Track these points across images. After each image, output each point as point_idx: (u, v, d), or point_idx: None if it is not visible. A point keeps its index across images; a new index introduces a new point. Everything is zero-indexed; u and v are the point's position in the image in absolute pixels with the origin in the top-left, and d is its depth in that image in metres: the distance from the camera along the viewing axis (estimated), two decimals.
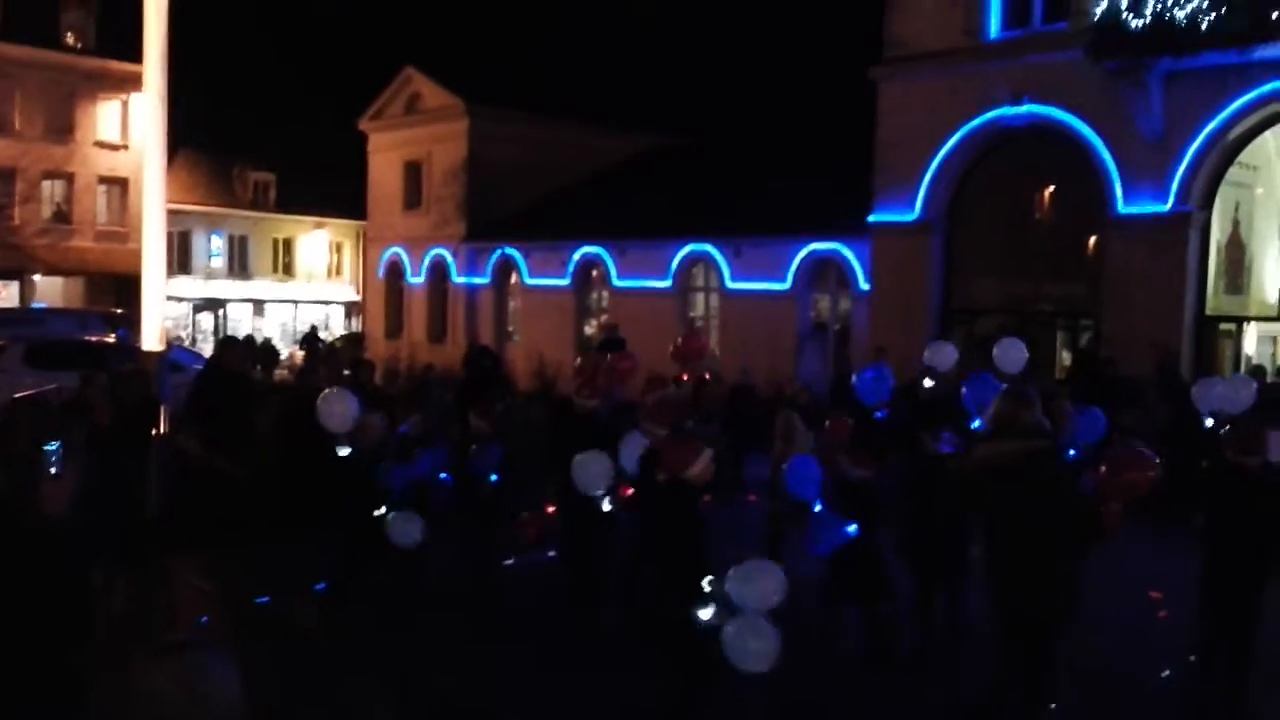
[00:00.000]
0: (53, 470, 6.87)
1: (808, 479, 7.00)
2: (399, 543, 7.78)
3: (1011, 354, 9.41)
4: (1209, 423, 8.71)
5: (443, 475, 8.64)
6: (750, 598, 5.26)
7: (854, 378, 9.73)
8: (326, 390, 8.22)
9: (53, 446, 6.89)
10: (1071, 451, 7.68)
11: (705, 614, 5.36)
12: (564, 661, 7.48)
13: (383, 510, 7.93)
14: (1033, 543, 5.83)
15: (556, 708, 6.75)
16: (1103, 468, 6.11)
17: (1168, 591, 8.45)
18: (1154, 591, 8.50)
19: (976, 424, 8.19)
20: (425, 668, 7.35)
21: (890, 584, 7.32)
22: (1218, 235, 16.75)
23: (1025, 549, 5.84)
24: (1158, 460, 6.18)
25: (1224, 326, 17.08)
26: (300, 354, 26.54)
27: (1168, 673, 7.40)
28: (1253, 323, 17.37)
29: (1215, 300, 16.83)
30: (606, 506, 7.22)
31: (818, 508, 6.92)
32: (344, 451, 7.99)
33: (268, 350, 28.67)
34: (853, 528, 6.91)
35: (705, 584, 5.40)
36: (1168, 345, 15.62)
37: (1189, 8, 14.71)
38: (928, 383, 9.42)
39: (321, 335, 31.50)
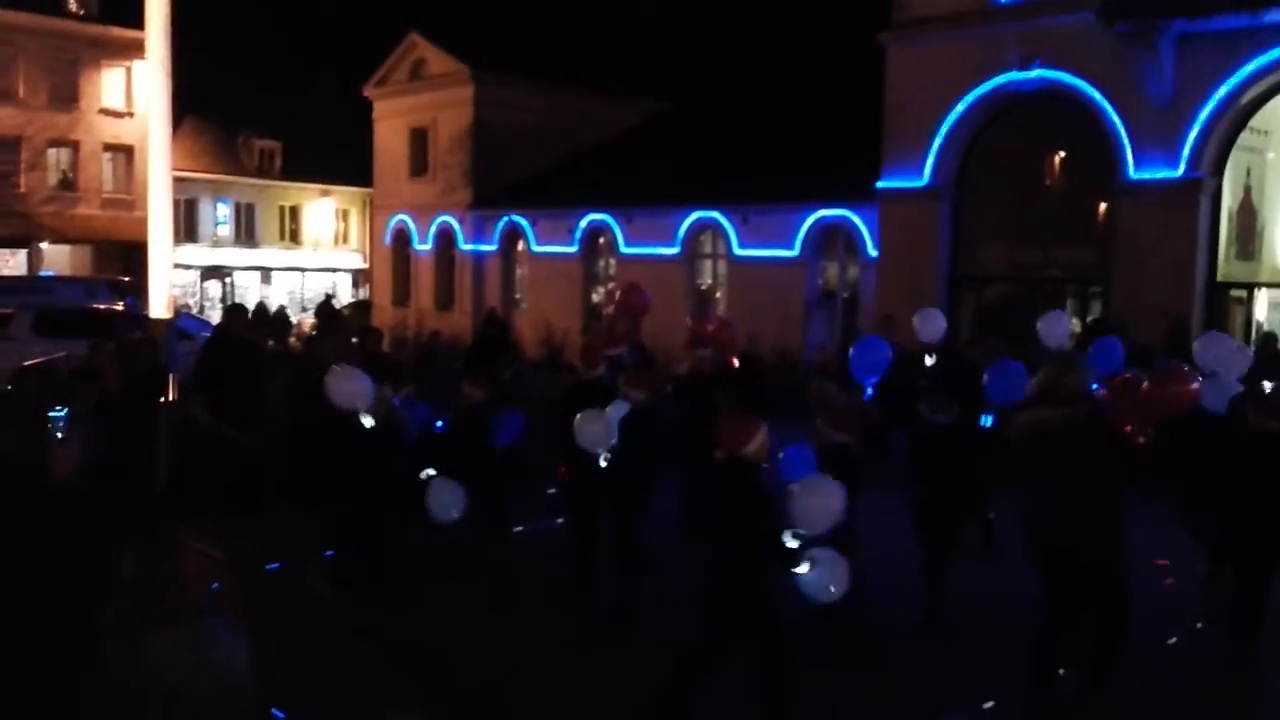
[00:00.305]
0: (59, 436, 6.90)
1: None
2: (438, 516, 7.70)
3: (1056, 329, 9.39)
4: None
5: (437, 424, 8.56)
6: (811, 513, 5.38)
7: (850, 349, 9.56)
8: (335, 368, 8.10)
9: (59, 412, 6.91)
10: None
11: (802, 569, 5.43)
12: (575, 637, 7.50)
13: (425, 474, 7.82)
14: (1079, 500, 5.83)
15: (568, 684, 6.76)
16: (1146, 382, 6.28)
17: (1172, 558, 8.45)
18: (1159, 559, 8.50)
19: (988, 420, 8.13)
20: (436, 641, 7.35)
21: (856, 539, 7.24)
22: (1229, 201, 16.62)
23: (1071, 506, 5.84)
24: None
25: (1235, 293, 16.98)
26: (311, 321, 26.48)
27: (1174, 639, 7.41)
28: (1264, 289, 17.28)
29: (1226, 266, 16.73)
30: (603, 462, 7.22)
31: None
32: (368, 422, 7.90)
33: (280, 319, 28.67)
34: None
35: (789, 538, 5.40)
36: (1178, 313, 15.57)
37: None
38: (929, 360, 9.32)
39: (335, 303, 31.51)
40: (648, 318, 11.48)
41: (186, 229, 41.54)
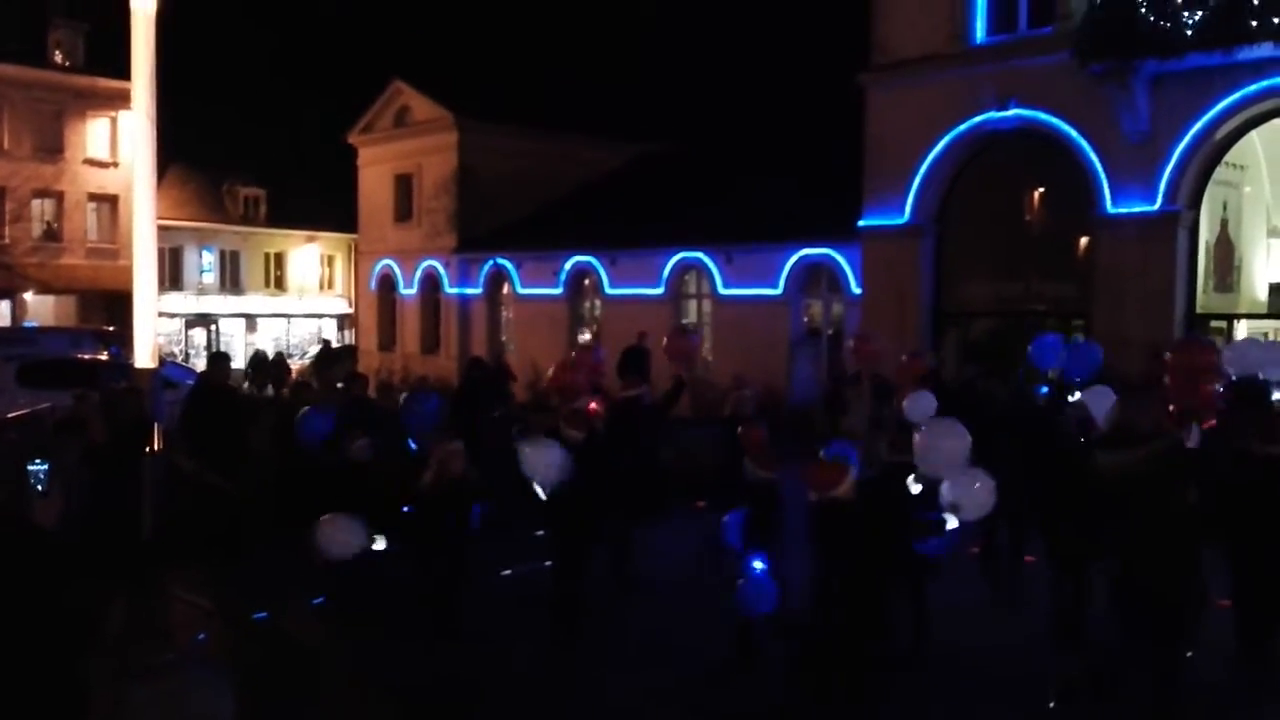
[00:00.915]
0: (39, 489, 6.87)
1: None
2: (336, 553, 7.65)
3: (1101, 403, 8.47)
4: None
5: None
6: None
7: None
8: (324, 520, 7.83)
9: (39, 465, 6.89)
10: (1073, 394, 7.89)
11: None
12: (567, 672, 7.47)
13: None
14: (1167, 540, 5.88)
15: None
16: (1169, 354, 6.94)
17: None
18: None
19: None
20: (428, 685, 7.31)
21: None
22: (1206, 234, 16.81)
23: (1160, 546, 5.88)
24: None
25: (1215, 324, 17.13)
26: (305, 366, 26.43)
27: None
28: (1243, 320, 17.43)
29: (1205, 298, 16.89)
30: (542, 495, 7.48)
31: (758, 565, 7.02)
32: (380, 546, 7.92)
33: (278, 364, 28.57)
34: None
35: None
36: (1159, 345, 15.65)
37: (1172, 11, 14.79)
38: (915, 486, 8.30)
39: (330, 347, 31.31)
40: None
41: (171, 277, 41.53)
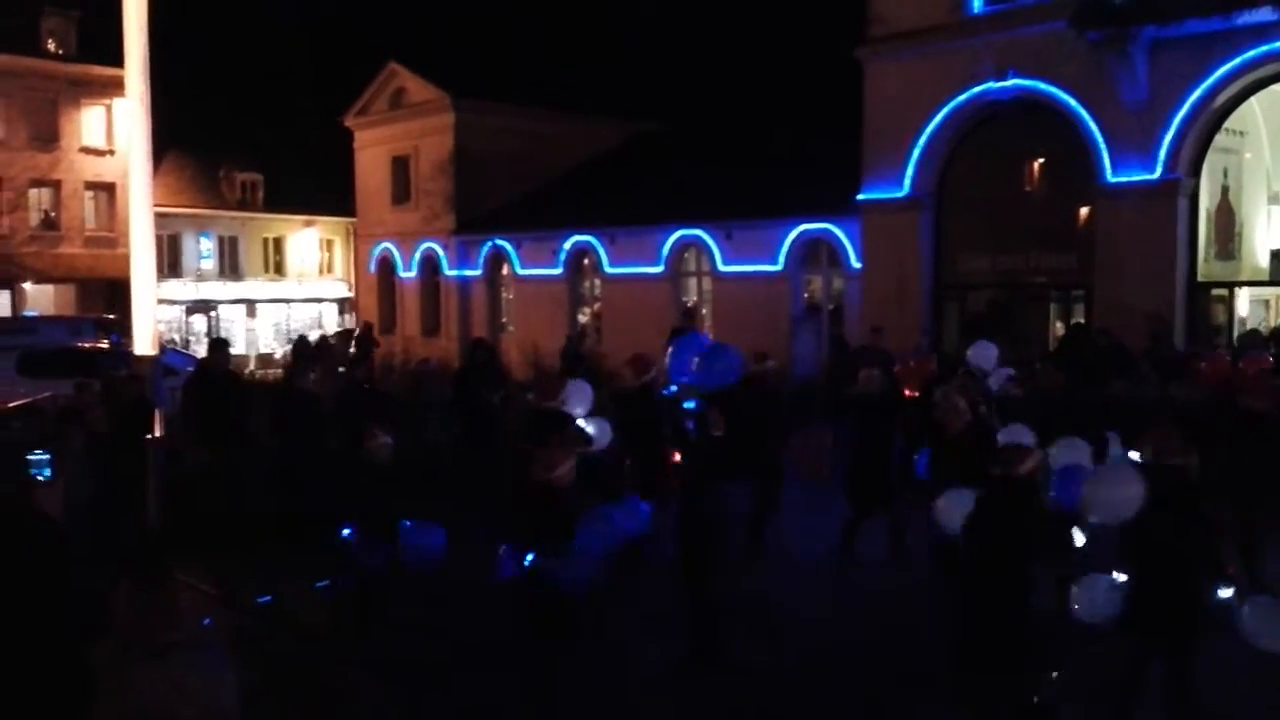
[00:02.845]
0: (41, 477, 6.88)
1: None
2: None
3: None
4: None
5: None
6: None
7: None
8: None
9: (41, 455, 6.90)
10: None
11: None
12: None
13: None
14: (1180, 568, 5.80)
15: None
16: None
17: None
18: None
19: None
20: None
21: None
22: (1206, 202, 16.76)
23: (1174, 575, 5.81)
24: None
25: (1216, 292, 17.11)
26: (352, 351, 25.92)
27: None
28: (1245, 287, 17.40)
29: (1206, 266, 16.86)
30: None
31: None
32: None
33: (322, 346, 27.67)
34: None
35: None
36: (1160, 315, 15.66)
37: None
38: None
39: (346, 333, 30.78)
40: (635, 336, 11.63)
41: (170, 264, 41.42)
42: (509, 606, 6.54)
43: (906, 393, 10.62)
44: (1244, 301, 17.38)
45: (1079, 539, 6.25)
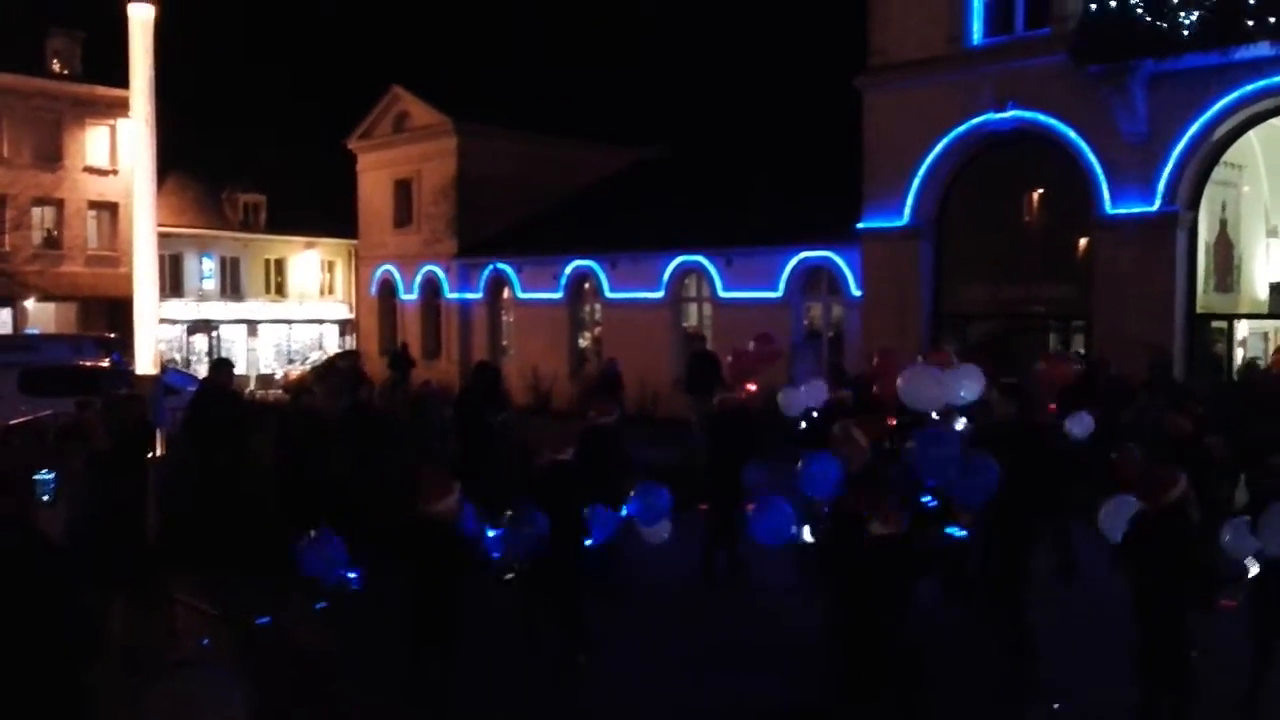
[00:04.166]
0: (45, 498, 6.89)
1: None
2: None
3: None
4: None
5: None
6: None
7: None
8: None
9: (46, 475, 6.90)
10: None
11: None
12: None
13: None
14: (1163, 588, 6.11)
15: None
16: None
17: None
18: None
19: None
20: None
21: None
22: (1205, 234, 16.82)
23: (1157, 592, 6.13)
24: None
25: (1215, 324, 17.16)
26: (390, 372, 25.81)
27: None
28: (1244, 320, 17.45)
29: (1205, 298, 16.90)
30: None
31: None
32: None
33: (402, 356, 27.22)
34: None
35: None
36: (1160, 345, 15.68)
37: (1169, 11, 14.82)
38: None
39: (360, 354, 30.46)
40: (635, 361, 11.68)
41: (172, 284, 41.50)
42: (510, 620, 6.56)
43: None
44: (1243, 334, 17.42)
45: (1252, 568, 6.55)
